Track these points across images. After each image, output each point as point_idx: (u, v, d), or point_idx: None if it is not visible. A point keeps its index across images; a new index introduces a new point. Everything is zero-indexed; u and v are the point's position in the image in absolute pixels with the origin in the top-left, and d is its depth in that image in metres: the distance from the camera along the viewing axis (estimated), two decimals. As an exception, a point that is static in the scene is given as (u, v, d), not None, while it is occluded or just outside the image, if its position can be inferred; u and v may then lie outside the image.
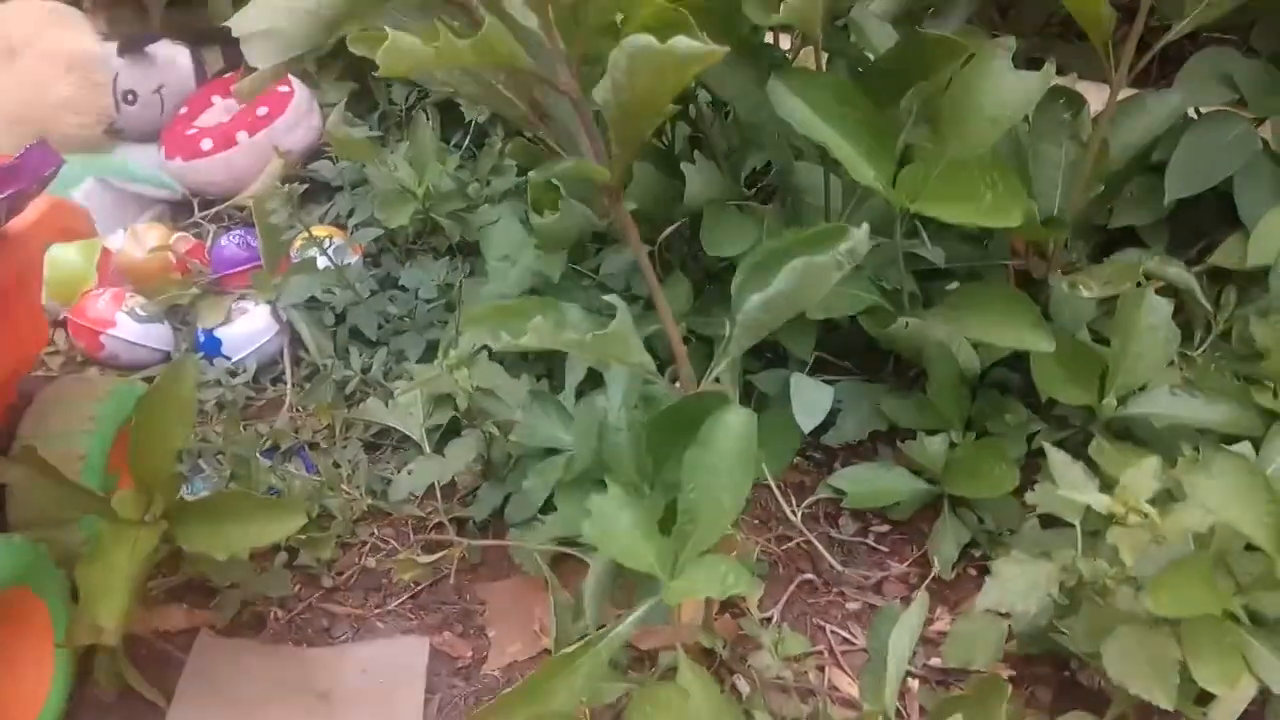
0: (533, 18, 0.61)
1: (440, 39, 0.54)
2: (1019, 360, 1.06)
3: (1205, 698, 0.77)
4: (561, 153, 0.69)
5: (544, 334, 0.66)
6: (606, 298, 0.72)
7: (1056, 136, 1.08)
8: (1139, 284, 1.02)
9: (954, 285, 1.09)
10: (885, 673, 0.75)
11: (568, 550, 0.96)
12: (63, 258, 1.29)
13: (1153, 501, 0.75)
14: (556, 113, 0.68)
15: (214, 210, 1.47)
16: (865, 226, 0.69)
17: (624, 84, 0.56)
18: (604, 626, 0.76)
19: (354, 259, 1.30)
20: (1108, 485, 0.79)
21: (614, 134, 0.62)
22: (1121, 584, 0.78)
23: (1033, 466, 1.01)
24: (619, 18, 0.63)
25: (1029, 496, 0.90)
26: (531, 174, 1.08)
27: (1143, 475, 0.75)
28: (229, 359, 1.24)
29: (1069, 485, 0.80)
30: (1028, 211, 0.88)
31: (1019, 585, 0.79)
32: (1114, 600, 0.78)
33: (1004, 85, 0.92)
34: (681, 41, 0.53)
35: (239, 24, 0.67)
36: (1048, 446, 0.84)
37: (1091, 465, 0.88)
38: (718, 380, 1.06)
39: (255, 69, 0.69)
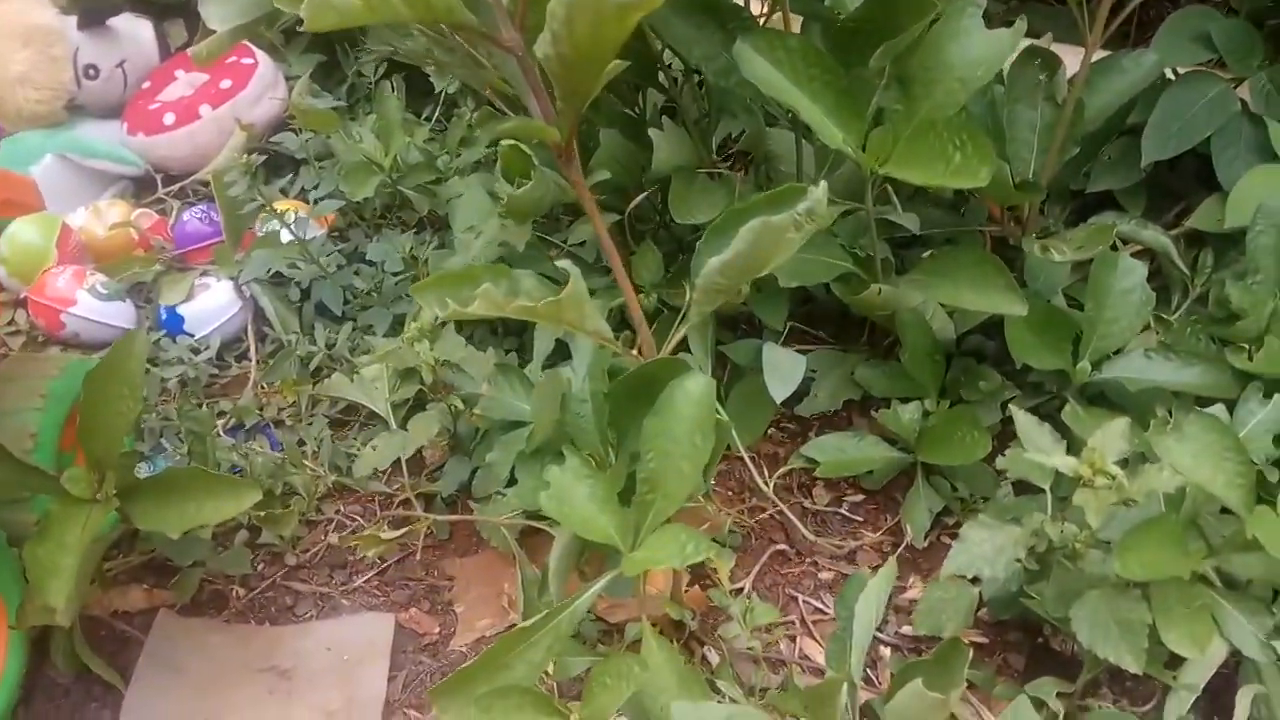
0: (473, -31, 0.59)
1: (370, -11, 0.52)
2: (994, 327, 1.05)
3: (1176, 661, 0.76)
4: (511, 115, 0.67)
5: (492, 300, 0.64)
6: (560, 264, 0.69)
7: (1032, 98, 1.05)
8: (1113, 247, 1.00)
9: (929, 252, 1.08)
10: (851, 639, 0.74)
11: (536, 524, 0.95)
12: (23, 236, 1.26)
13: (1124, 464, 0.74)
14: (504, 72, 0.66)
15: (177, 186, 1.44)
16: (823, 185, 0.67)
17: (562, 35, 0.54)
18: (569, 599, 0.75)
19: (319, 233, 1.28)
20: (1079, 449, 0.77)
21: (558, 89, 0.60)
22: (1091, 548, 0.77)
23: (1008, 434, 1.00)
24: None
25: (1000, 461, 0.89)
26: (482, 131, 1.05)
27: (1111, 437, 0.73)
28: (192, 336, 1.21)
29: (1036, 449, 0.79)
30: (995, 172, 0.86)
31: (986, 550, 0.77)
32: (1083, 564, 0.77)
33: (973, 44, 0.90)
34: (618, -13, 0.51)
35: (198, -14, 0.65)
36: (1015, 410, 0.83)
37: (1066, 431, 0.87)
38: (687, 349, 1.05)
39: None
